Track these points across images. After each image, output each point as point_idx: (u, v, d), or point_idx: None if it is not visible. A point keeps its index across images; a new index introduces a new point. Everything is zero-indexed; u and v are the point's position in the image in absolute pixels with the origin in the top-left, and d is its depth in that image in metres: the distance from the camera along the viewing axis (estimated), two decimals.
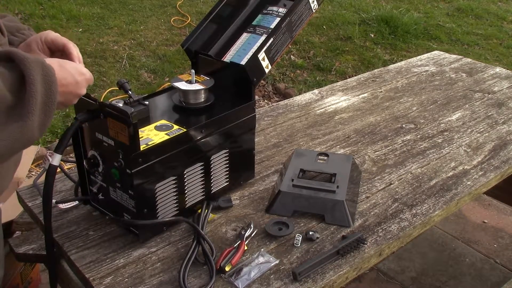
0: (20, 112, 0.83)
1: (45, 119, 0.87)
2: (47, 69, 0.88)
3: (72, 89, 0.97)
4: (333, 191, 1.32)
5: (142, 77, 4.05)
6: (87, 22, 4.75)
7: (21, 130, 0.83)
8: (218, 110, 1.28)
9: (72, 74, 0.97)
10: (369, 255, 1.20)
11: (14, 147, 0.84)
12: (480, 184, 1.50)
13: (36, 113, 0.84)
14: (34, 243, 1.27)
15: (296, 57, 4.59)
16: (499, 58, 4.86)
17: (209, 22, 1.40)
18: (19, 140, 0.84)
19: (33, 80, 0.84)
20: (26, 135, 0.84)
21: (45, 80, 0.86)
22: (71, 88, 0.96)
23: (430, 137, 1.75)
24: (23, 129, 0.83)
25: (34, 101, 0.84)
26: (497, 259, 2.47)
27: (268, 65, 1.33)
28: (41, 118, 0.86)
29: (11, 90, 0.82)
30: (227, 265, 1.12)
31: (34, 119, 0.84)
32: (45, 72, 0.87)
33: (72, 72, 0.97)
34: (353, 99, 2.05)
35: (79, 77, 0.98)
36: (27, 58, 0.85)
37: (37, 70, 0.85)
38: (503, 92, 2.13)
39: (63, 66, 0.96)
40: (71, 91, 0.97)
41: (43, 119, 0.87)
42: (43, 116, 0.86)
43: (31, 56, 0.86)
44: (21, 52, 0.85)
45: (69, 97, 0.98)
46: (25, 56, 0.85)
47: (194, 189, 1.26)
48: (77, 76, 0.98)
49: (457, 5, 6.02)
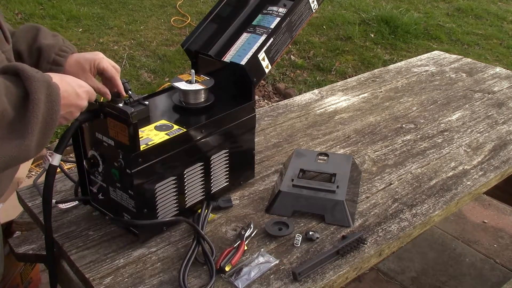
0: (20, 130, 0.83)
1: (43, 139, 0.88)
2: (52, 88, 0.88)
3: (73, 101, 0.98)
4: (333, 191, 1.32)
5: (142, 77, 4.05)
6: (87, 22, 4.75)
7: (18, 149, 0.84)
8: (218, 110, 1.28)
9: (72, 86, 0.98)
10: (369, 255, 1.20)
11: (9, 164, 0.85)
12: (480, 184, 1.50)
13: (35, 134, 0.85)
14: (34, 243, 1.27)
15: (296, 57, 4.59)
16: (499, 58, 4.86)
17: (209, 22, 1.40)
18: (15, 158, 0.84)
19: (37, 100, 0.84)
20: (23, 154, 0.85)
21: (49, 99, 0.87)
22: (72, 100, 0.97)
23: (430, 137, 1.75)
24: (21, 148, 0.84)
25: (35, 121, 0.84)
26: (497, 259, 2.47)
27: (268, 65, 1.33)
28: (40, 138, 0.87)
29: (14, 106, 0.83)
30: (227, 265, 1.12)
31: (33, 139, 0.85)
32: (50, 91, 0.88)
33: (72, 84, 0.98)
34: (353, 99, 2.05)
35: (79, 89, 0.99)
36: (34, 77, 0.85)
37: (42, 90, 0.86)
38: (503, 92, 2.13)
39: (64, 79, 0.97)
40: (72, 103, 0.98)
41: (42, 139, 0.88)
42: (42, 136, 0.87)
43: (38, 74, 0.87)
44: (29, 70, 0.86)
45: (70, 109, 0.98)
46: (32, 75, 0.85)
47: (194, 189, 1.26)
48: (77, 88, 0.99)
49: (457, 5, 6.02)
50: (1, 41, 1.01)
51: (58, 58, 1.15)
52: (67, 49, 1.17)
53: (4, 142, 0.82)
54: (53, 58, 1.15)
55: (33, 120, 0.84)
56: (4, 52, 1.01)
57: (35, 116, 0.84)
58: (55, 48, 1.15)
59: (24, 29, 1.18)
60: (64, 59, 1.16)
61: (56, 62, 1.15)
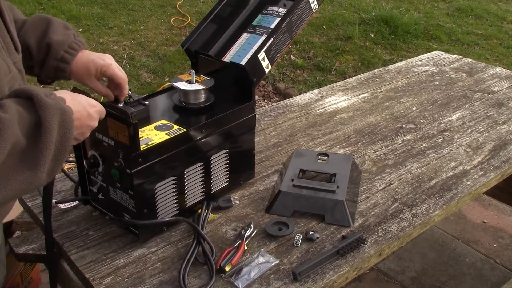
0: (31, 160, 0.80)
1: (55, 167, 0.85)
2: (66, 114, 0.86)
3: (85, 122, 0.96)
4: (333, 191, 1.32)
5: (142, 77, 4.05)
6: (87, 22, 4.75)
7: (30, 180, 0.81)
8: (218, 110, 1.28)
9: (84, 106, 0.95)
10: (369, 255, 1.20)
11: (18, 196, 0.83)
12: (480, 184, 1.50)
13: (47, 164, 0.82)
14: (34, 243, 1.27)
15: (296, 57, 4.59)
16: (499, 58, 4.86)
17: (209, 22, 1.40)
18: (25, 190, 0.82)
19: (50, 129, 0.81)
20: (33, 185, 0.82)
21: (62, 126, 0.84)
22: (84, 121, 0.95)
23: (430, 137, 1.75)
24: (33, 179, 0.81)
25: (48, 152, 0.81)
26: (497, 259, 2.47)
27: (268, 65, 1.33)
28: (51, 166, 0.84)
29: (26, 134, 0.80)
30: (227, 265, 1.12)
31: (44, 170, 0.82)
32: (63, 118, 0.85)
33: (84, 104, 0.96)
34: (353, 99, 2.05)
35: (91, 109, 0.97)
36: (47, 104, 0.82)
37: (56, 118, 0.83)
38: (503, 92, 2.13)
39: (76, 99, 0.94)
40: (84, 124, 0.95)
41: (53, 168, 0.85)
42: (54, 164, 0.84)
43: (52, 100, 0.84)
44: (42, 96, 0.83)
45: (82, 130, 0.96)
46: (46, 102, 0.82)
47: (194, 189, 1.26)
48: (89, 108, 0.96)
49: (457, 5, 6.02)
50: (12, 51, 0.97)
51: (66, 55, 1.12)
52: (76, 46, 1.14)
53: (15, 173, 0.79)
54: (62, 55, 1.12)
55: (46, 151, 0.81)
56: (15, 63, 0.97)
57: (48, 147, 0.81)
58: (64, 45, 1.12)
59: (35, 21, 1.13)
60: (72, 57, 1.13)
61: (64, 59, 1.12)
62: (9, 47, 0.96)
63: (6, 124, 0.76)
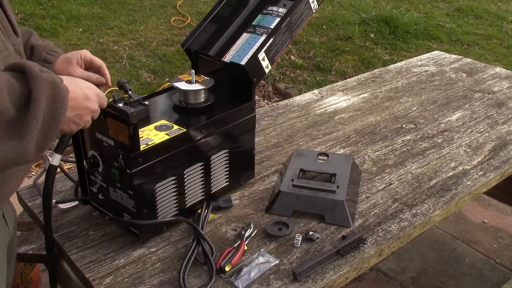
0: (18, 130, 0.80)
1: (44, 141, 0.84)
2: (59, 89, 0.85)
3: (82, 103, 0.95)
4: (333, 191, 1.32)
5: (142, 77, 4.05)
6: (87, 22, 4.75)
7: (15, 150, 0.80)
8: (218, 110, 1.28)
9: (81, 87, 0.95)
10: (369, 255, 1.20)
11: (6, 166, 0.82)
12: (480, 184, 1.50)
13: (34, 135, 0.82)
14: (34, 243, 1.27)
15: (296, 57, 4.59)
16: (499, 58, 4.86)
17: (209, 22, 1.40)
18: (12, 160, 0.81)
19: (38, 100, 0.81)
20: (21, 155, 0.82)
21: (53, 100, 0.84)
22: (80, 102, 0.94)
23: (430, 137, 1.75)
24: (18, 149, 0.81)
25: (35, 122, 0.81)
26: (497, 259, 2.47)
27: (268, 65, 1.33)
28: (40, 140, 0.83)
29: (16, 105, 0.80)
30: (227, 265, 1.12)
31: (32, 141, 0.82)
32: (56, 93, 0.84)
33: (81, 86, 0.96)
34: (353, 99, 2.05)
35: (88, 91, 0.97)
36: (39, 76, 0.82)
37: (46, 90, 0.83)
38: (503, 92, 2.13)
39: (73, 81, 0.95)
40: (81, 105, 0.95)
41: (42, 141, 0.84)
42: (42, 138, 0.84)
43: (45, 74, 0.84)
44: (35, 69, 0.83)
45: (79, 111, 0.95)
46: (37, 73, 0.82)
47: (194, 189, 1.26)
48: (86, 90, 0.96)
49: (457, 5, 6.02)
50: (10, 34, 1.00)
51: (48, 56, 1.20)
52: (57, 50, 1.24)
53: (2, 142, 0.79)
54: (44, 56, 1.19)
55: (33, 121, 0.81)
56: (14, 45, 1.01)
57: (35, 117, 0.81)
58: (46, 48, 1.22)
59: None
60: (54, 58, 1.21)
61: (47, 60, 1.20)
62: (7, 29, 0.99)
63: None
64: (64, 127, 0.94)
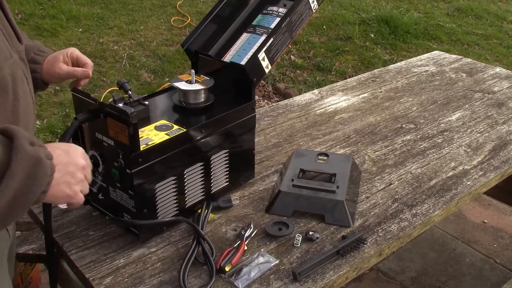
0: None
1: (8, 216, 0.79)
2: (41, 167, 0.80)
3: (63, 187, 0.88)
4: (333, 191, 1.32)
5: (142, 77, 4.05)
6: (87, 22, 4.75)
7: None
8: (218, 110, 1.28)
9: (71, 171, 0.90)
10: (369, 255, 1.20)
11: None
12: (480, 184, 1.50)
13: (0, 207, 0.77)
14: (34, 243, 1.27)
15: (296, 57, 4.59)
16: (499, 58, 4.86)
17: (209, 22, 1.40)
18: None
19: (13, 175, 0.76)
20: None
21: (30, 177, 0.78)
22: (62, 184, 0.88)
23: (430, 137, 1.75)
24: None
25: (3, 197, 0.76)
26: (497, 259, 2.47)
27: (268, 65, 1.33)
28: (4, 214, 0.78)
29: None
30: (227, 265, 1.12)
31: None
32: (36, 170, 0.79)
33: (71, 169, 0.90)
34: (353, 99, 2.05)
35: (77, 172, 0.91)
36: (22, 150, 0.77)
37: (25, 166, 0.78)
38: (503, 92, 2.13)
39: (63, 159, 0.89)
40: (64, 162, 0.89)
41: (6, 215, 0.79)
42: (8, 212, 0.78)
43: (32, 149, 0.79)
44: (23, 142, 0.78)
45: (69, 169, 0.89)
46: (23, 148, 0.78)
47: (194, 189, 1.26)
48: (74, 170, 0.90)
49: (457, 5, 6.02)
50: (15, 42, 0.99)
51: (36, 57, 1.21)
52: (45, 50, 1.25)
53: None
54: (32, 57, 1.20)
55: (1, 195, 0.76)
56: (19, 52, 1.00)
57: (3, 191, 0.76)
58: (34, 48, 1.22)
59: None
60: (42, 58, 1.22)
61: (35, 60, 1.21)
62: (11, 36, 0.98)
63: None
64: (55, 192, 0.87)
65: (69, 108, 3.44)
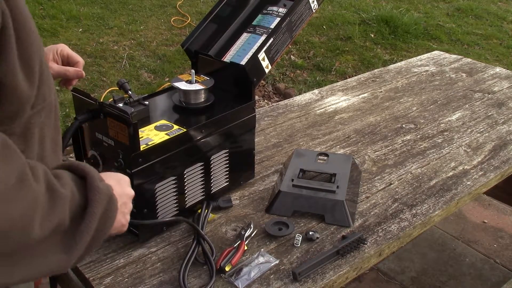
0: (68, 243, 0.73)
1: (85, 254, 0.78)
2: (112, 203, 0.80)
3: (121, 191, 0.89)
4: (333, 191, 1.32)
5: (142, 77, 4.05)
6: (87, 22, 4.75)
7: (61, 264, 0.73)
8: (218, 110, 1.28)
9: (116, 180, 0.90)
10: (369, 255, 1.20)
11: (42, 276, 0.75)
12: (480, 184, 1.50)
13: (81, 249, 0.75)
14: None
15: (296, 57, 4.59)
16: (499, 58, 4.86)
17: (209, 22, 1.40)
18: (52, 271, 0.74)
19: (95, 214, 0.75)
20: (62, 268, 0.75)
21: (105, 213, 0.78)
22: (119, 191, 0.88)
23: (430, 137, 1.75)
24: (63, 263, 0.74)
25: (86, 237, 0.75)
26: (497, 259, 2.47)
27: (268, 65, 1.33)
28: (84, 253, 0.77)
29: (71, 216, 0.74)
30: (227, 265, 1.12)
31: (77, 255, 0.75)
32: (110, 207, 0.79)
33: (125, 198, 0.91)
34: (353, 99, 2.05)
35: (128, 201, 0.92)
36: (99, 189, 0.77)
37: (102, 205, 0.77)
38: (503, 92, 2.13)
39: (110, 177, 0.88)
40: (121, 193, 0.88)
41: (84, 254, 0.78)
42: (86, 251, 0.77)
43: (102, 184, 0.78)
44: (96, 180, 0.77)
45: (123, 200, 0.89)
46: (97, 186, 0.77)
47: (194, 189, 1.26)
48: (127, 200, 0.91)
49: (457, 5, 6.02)
50: None
51: None
52: None
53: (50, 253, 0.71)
54: None
55: (85, 236, 0.75)
56: None
57: (88, 232, 0.75)
58: None
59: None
60: None
61: None
62: None
63: (62, 200, 0.71)
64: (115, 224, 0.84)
65: (69, 108, 3.44)
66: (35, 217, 0.65)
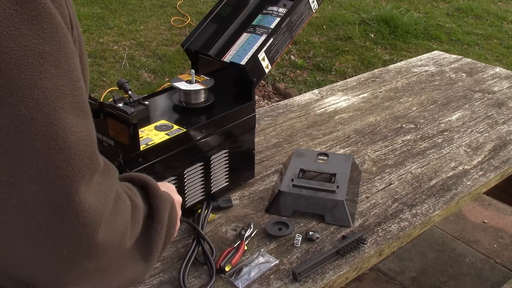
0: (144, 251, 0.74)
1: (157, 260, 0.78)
2: (174, 208, 0.82)
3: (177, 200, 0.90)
4: (333, 191, 1.32)
5: (142, 77, 4.05)
6: (87, 22, 4.75)
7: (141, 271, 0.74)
8: (218, 110, 1.28)
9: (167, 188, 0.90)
10: (369, 255, 1.20)
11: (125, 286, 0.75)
12: (480, 184, 1.50)
13: (158, 255, 0.76)
14: None
15: (296, 57, 4.60)
16: (499, 58, 4.86)
17: (209, 22, 1.40)
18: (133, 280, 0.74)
19: (163, 221, 0.76)
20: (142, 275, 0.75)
21: (170, 219, 0.79)
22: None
23: (430, 137, 1.75)
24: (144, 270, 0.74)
25: (160, 242, 0.76)
26: (497, 259, 2.47)
27: (268, 65, 1.33)
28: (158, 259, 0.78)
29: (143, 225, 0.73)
30: (227, 265, 1.12)
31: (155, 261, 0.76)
32: (171, 211, 0.80)
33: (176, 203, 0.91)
34: (353, 99, 2.05)
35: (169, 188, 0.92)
36: (162, 195, 0.78)
37: (167, 209, 0.78)
38: (503, 92, 2.13)
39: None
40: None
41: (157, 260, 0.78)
42: (159, 256, 0.78)
43: (163, 192, 0.80)
44: (157, 186, 0.79)
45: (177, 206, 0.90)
46: (160, 193, 0.78)
47: (194, 189, 1.26)
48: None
49: (457, 5, 6.02)
50: None
51: None
52: None
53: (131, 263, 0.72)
54: None
55: (159, 242, 0.75)
56: None
57: (161, 238, 0.76)
58: None
59: None
60: None
61: None
62: None
63: (140, 210, 0.72)
64: None
65: None
66: (128, 228, 0.67)
